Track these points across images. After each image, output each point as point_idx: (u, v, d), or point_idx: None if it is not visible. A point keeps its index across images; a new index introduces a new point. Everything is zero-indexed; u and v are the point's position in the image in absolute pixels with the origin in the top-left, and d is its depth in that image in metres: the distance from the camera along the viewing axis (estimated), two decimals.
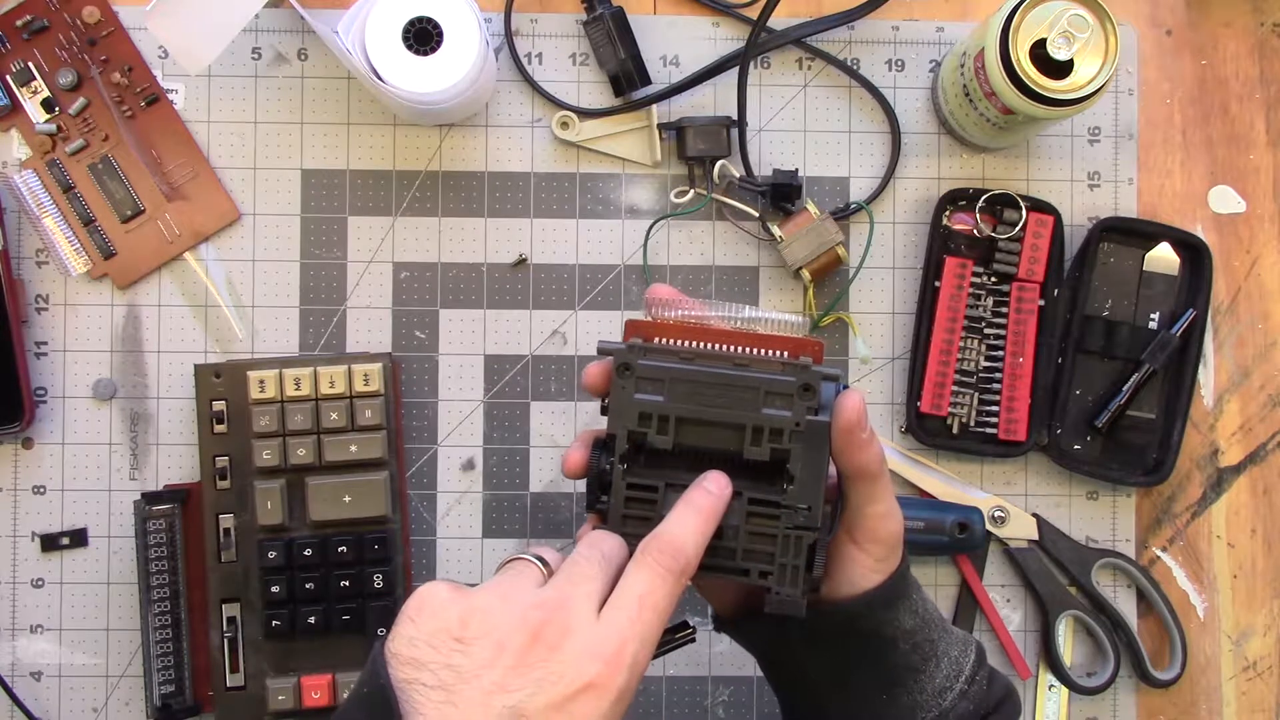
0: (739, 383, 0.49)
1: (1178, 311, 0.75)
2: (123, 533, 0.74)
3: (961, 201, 0.75)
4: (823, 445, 0.49)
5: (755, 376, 0.49)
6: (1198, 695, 0.76)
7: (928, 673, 0.53)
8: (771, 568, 0.49)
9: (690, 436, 0.50)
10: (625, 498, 0.50)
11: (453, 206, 0.76)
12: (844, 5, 0.76)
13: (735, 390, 0.49)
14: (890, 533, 0.52)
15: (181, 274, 0.75)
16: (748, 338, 0.50)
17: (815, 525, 0.49)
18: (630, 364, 0.49)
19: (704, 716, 0.75)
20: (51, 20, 0.74)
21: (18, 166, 0.74)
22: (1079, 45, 0.66)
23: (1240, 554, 0.76)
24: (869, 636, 0.52)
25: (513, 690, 0.44)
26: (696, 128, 0.74)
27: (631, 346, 0.50)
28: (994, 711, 0.54)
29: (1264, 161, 0.77)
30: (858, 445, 0.50)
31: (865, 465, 0.50)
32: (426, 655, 0.45)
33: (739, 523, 0.49)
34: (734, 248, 0.76)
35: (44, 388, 0.74)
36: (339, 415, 0.71)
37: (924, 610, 0.54)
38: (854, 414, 0.49)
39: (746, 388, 0.49)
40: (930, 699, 0.53)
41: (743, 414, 0.49)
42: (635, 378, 0.49)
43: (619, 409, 0.49)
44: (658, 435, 0.49)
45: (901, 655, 0.53)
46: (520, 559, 0.49)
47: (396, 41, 0.68)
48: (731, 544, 0.49)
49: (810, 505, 0.49)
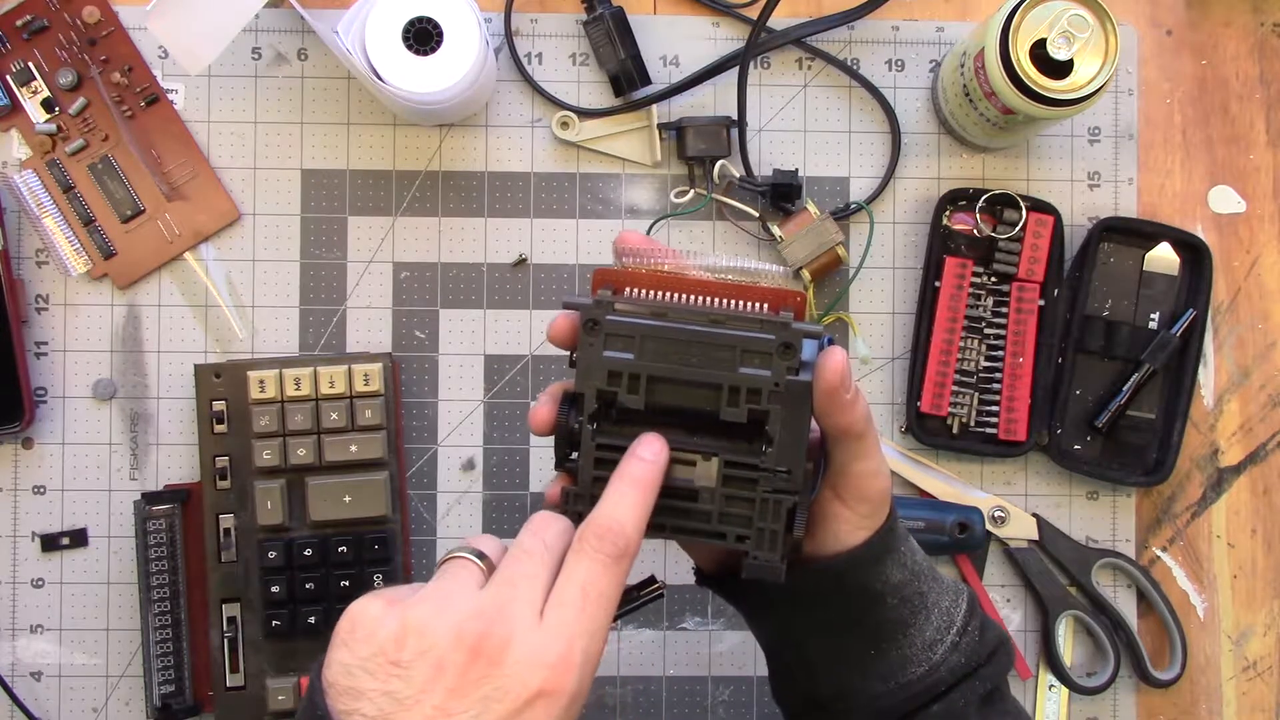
0: (715, 340, 0.46)
1: (1178, 311, 0.75)
2: (123, 533, 0.74)
3: (961, 201, 0.75)
4: (804, 406, 0.46)
5: (732, 334, 0.46)
6: (1198, 695, 0.76)
7: (917, 626, 0.51)
8: (749, 531, 0.47)
9: (663, 395, 0.46)
10: (595, 459, 0.47)
11: (453, 206, 0.76)
12: (844, 5, 0.76)
13: (711, 348, 0.46)
14: (878, 490, 0.50)
15: (181, 274, 0.75)
16: (726, 288, 0.47)
17: (795, 489, 0.47)
18: (598, 320, 0.46)
19: (704, 716, 0.75)
20: (51, 20, 0.74)
21: (18, 166, 0.74)
22: (1079, 45, 0.66)
23: (1240, 554, 0.76)
24: (855, 593, 0.51)
25: (457, 714, 0.41)
26: (696, 128, 0.74)
27: (599, 301, 0.46)
28: (986, 663, 0.52)
29: (1264, 161, 0.77)
30: (841, 406, 0.47)
31: (850, 425, 0.48)
32: (364, 683, 0.43)
33: (715, 485, 0.47)
34: (734, 248, 0.76)
35: (44, 388, 0.74)
36: (339, 415, 0.71)
37: (912, 562, 0.52)
38: (835, 376, 0.47)
39: (723, 345, 0.46)
40: (920, 652, 0.51)
41: (719, 373, 0.46)
42: (604, 334, 0.46)
43: (587, 367, 0.46)
44: (628, 395, 0.46)
45: (890, 610, 0.51)
46: (458, 558, 0.46)
47: (396, 41, 0.68)
48: (708, 506, 0.47)
49: (790, 469, 0.46)
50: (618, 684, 0.75)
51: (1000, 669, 0.53)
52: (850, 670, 0.52)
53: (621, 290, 0.48)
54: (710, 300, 0.47)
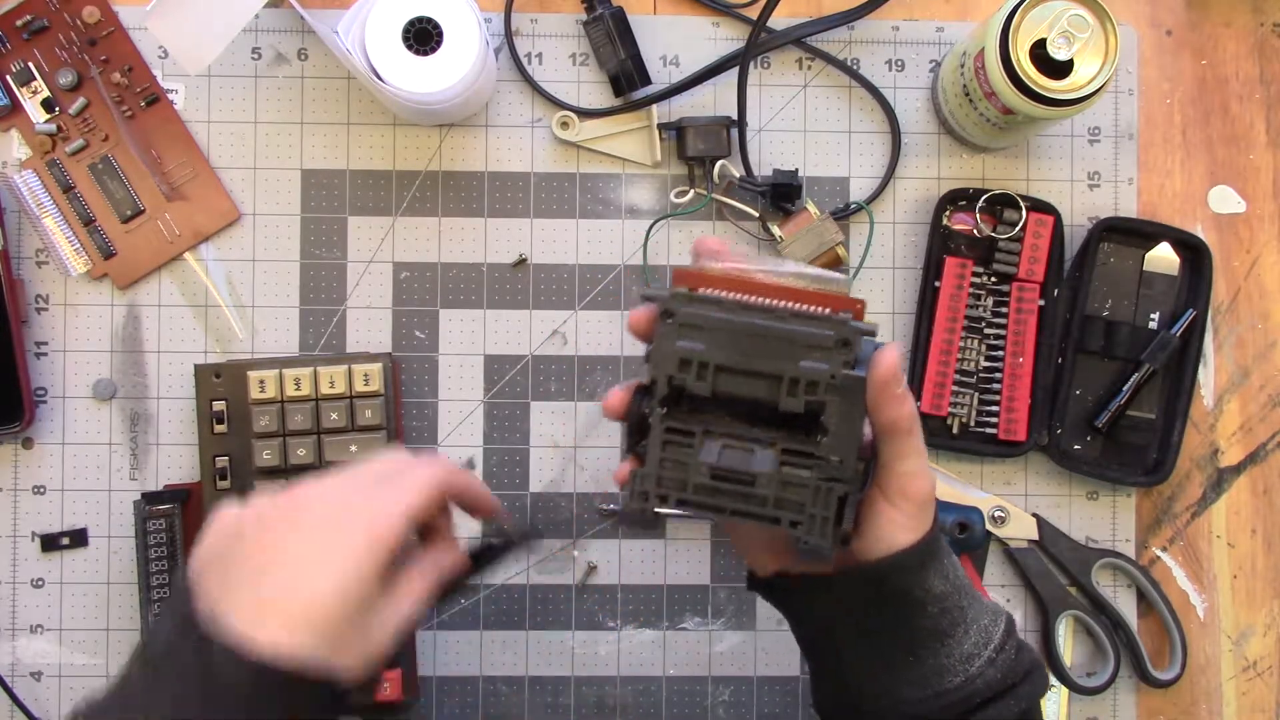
0: (778, 334, 0.49)
1: (1178, 311, 0.75)
2: (123, 533, 0.74)
3: (961, 201, 0.75)
4: (857, 399, 0.49)
5: (794, 329, 0.49)
6: (1198, 695, 0.76)
7: (955, 638, 0.53)
8: (801, 517, 0.49)
9: (728, 384, 0.50)
10: (663, 442, 0.50)
11: (453, 206, 0.76)
12: (844, 5, 0.76)
13: (774, 341, 0.49)
14: (920, 490, 0.52)
15: (181, 274, 0.75)
16: (791, 292, 0.51)
17: (846, 477, 0.49)
18: (673, 311, 0.50)
19: (704, 716, 0.75)
20: (51, 20, 0.74)
21: (18, 166, 0.74)
22: (1079, 45, 0.66)
23: (1240, 554, 0.76)
24: (898, 598, 0.52)
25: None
26: (696, 128, 0.74)
27: (675, 295, 0.50)
28: (1022, 681, 0.54)
29: (1264, 161, 0.77)
30: (891, 399, 0.50)
31: (896, 420, 0.51)
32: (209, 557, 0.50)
33: (772, 470, 0.49)
34: (734, 248, 0.76)
35: (44, 388, 0.74)
36: (339, 415, 0.71)
37: (954, 576, 0.54)
38: (889, 369, 0.50)
39: (785, 340, 0.49)
40: (957, 664, 0.53)
41: (780, 365, 0.49)
42: (678, 324, 0.50)
43: (660, 355, 0.50)
44: (696, 381, 0.50)
45: (930, 618, 0.53)
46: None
47: (396, 41, 0.68)
48: (764, 491, 0.49)
49: (842, 458, 0.49)
50: (618, 684, 0.75)
51: (1036, 690, 0.54)
52: (888, 676, 0.53)
53: (696, 288, 0.51)
54: (778, 300, 0.51)
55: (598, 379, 0.75)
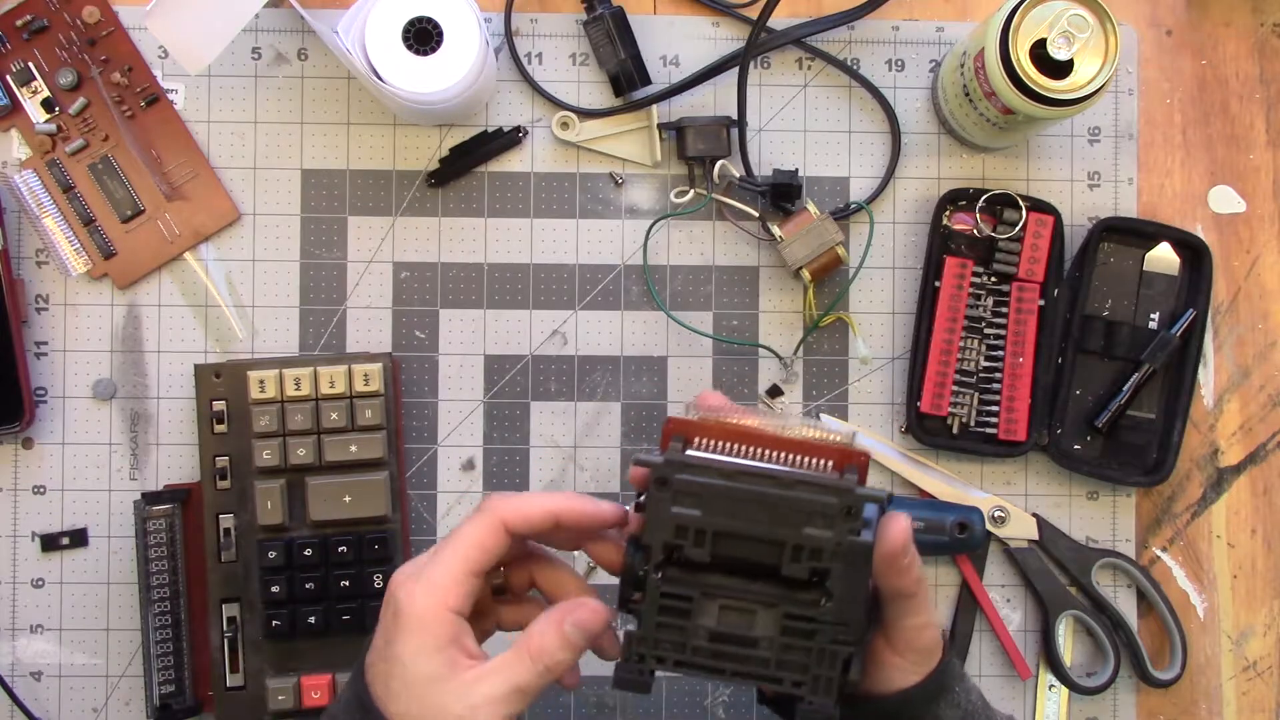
0: (779, 501, 0.47)
1: (1178, 311, 0.75)
2: (123, 533, 0.74)
3: (961, 201, 0.75)
4: (864, 565, 0.48)
5: (797, 497, 0.47)
6: (1198, 695, 0.76)
7: None
8: (804, 678, 0.48)
9: (728, 548, 0.48)
10: (660, 606, 0.48)
11: (453, 206, 0.76)
12: (844, 5, 0.76)
13: (775, 508, 0.47)
14: (928, 640, 0.52)
15: (181, 274, 0.75)
16: (793, 444, 0.49)
17: (853, 641, 0.48)
18: (668, 479, 0.47)
19: (704, 716, 0.75)
20: (51, 20, 0.74)
21: (18, 166, 0.74)
22: (1079, 45, 0.66)
23: (1240, 554, 0.76)
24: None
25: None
26: (696, 128, 0.74)
27: (669, 460, 0.48)
28: None
29: (1264, 161, 0.77)
30: (899, 570, 0.49)
31: (905, 587, 0.50)
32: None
33: (774, 634, 0.48)
34: (734, 248, 0.76)
35: (44, 388, 0.74)
36: (339, 415, 0.71)
37: (966, 702, 0.53)
38: (898, 543, 0.48)
39: (787, 507, 0.47)
40: None
41: (782, 531, 0.47)
42: (674, 491, 0.47)
43: (655, 521, 0.48)
44: (694, 548, 0.48)
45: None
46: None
47: (396, 41, 0.68)
48: (766, 654, 0.48)
49: (849, 623, 0.48)
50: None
51: None
52: None
53: (692, 440, 0.49)
54: (777, 453, 0.49)
55: (598, 379, 0.75)
